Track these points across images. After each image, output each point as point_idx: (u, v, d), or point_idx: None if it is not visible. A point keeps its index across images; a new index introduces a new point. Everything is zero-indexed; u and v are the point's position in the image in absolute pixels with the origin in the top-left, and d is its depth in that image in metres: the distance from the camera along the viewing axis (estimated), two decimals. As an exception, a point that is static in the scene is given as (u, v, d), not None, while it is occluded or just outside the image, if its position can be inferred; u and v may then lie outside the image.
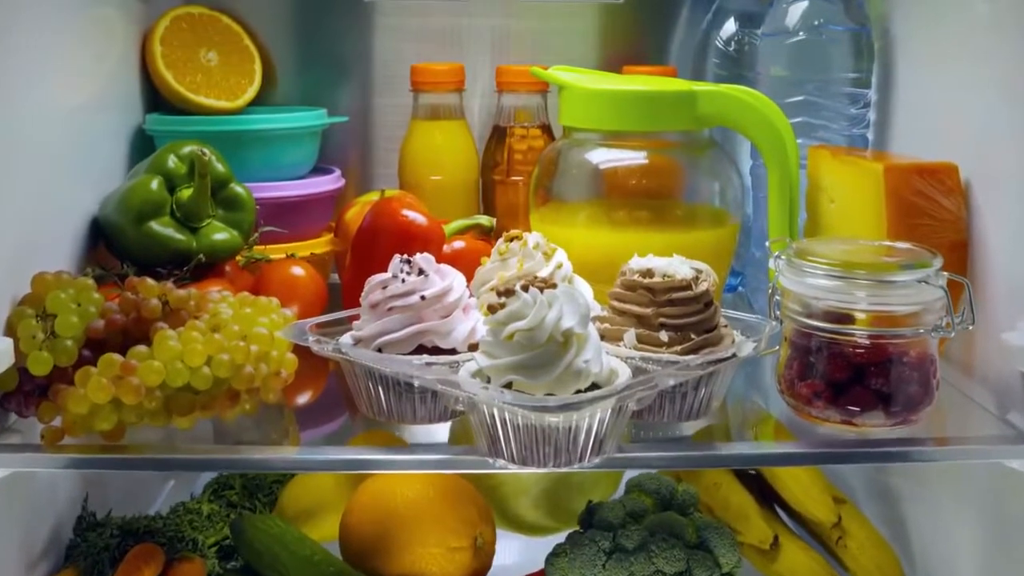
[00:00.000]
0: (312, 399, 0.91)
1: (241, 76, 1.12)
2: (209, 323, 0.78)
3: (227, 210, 0.95)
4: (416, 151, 1.13)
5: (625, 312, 0.78)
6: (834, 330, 0.76)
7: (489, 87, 1.18)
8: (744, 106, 0.91)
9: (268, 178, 1.05)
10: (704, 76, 1.11)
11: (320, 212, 1.09)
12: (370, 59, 1.21)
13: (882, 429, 0.76)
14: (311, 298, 0.97)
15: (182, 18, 1.11)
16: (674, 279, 0.76)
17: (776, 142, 0.91)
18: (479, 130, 1.19)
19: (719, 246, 0.95)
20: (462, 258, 0.93)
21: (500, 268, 0.85)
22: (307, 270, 0.97)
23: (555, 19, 1.21)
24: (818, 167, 0.94)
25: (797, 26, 0.99)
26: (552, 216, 0.97)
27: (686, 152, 0.95)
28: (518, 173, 1.12)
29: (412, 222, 0.92)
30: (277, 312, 0.83)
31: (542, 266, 0.85)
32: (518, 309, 0.68)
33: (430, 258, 0.78)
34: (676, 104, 0.91)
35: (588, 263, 0.89)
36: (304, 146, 1.09)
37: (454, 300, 0.77)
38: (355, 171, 1.22)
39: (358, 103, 1.21)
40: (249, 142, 1.05)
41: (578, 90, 0.94)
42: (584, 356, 0.68)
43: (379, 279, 0.77)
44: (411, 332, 0.75)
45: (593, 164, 0.95)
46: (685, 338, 0.76)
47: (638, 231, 0.93)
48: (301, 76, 1.20)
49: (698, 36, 1.13)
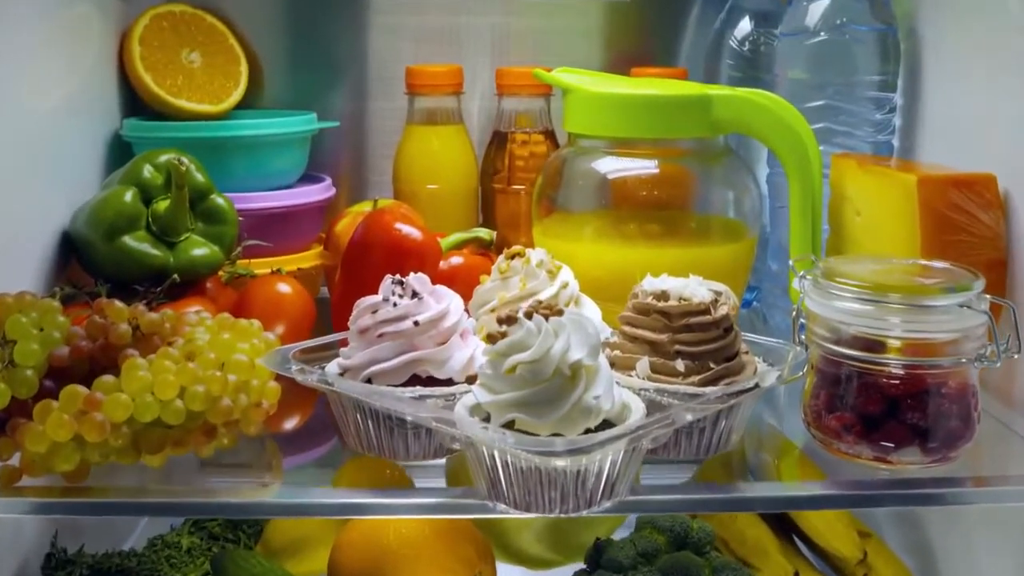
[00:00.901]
0: (300, 423, 0.85)
1: (226, 78, 1.06)
2: (183, 350, 0.71)
3: (207, 223, 0.88)
4: (411, 158, 1.07)
5: (637, 338, 0.71)
6: (866, 359, 0.70)
7: (489, 90, 1.11)
8: (763, 111, 0.84)
9: (254, 187, 0.99)
10: (717, 78, 1.05)
11: (309, 223, 1.03)
12: (364, 60, 1.14)
13: (918, 467, 0.70)
14: (298, 317, 0.90)
15: (163, 17, 1.04)
16: (691, 302, 0.70)
17: (798, 150, 0.84)
18: (478, 136, 1.12)
19: (736, 262, 0.89)
20: (460, 275, 0.87)
21: (501, 288, 0.79)
22: (294, 287, 0.91)
23: (558, 17, 1.15)
24: (842, 177, 0.87)
25: (818, 25, 0.93)
26: (556, 229, 0.90)
27: (700, 160, 0.89)
28: (520, 181, 1.05)
29: (406, 237, 0.86)
30: (259, 336, 0.76)
31: (546, 285, 0.78)
32: (521, 339, 0.61)
33: (424, 279, 0.72)
34: (690, 109, 0.85)
35: (595, 280, 0.83)
36: (292, 153, 1.03)
37: (451, 325, 0.70)
38: (347, 179, 1.15)
39: (351, 107, 1.15)
40: (233, 149, 0.98)
41: (584, 94, 0.88)
42: (594, 391, 0.61)
43: (369, 302, 0.71)
44: (403, 361, 0.69)
45: (600, 174, 0.88)
46: (703, 367, 0.69)
47: (649, 246, 0.86)
48: (290, 78, 1.14)
49: (711, 36, 1.07)
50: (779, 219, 0.98)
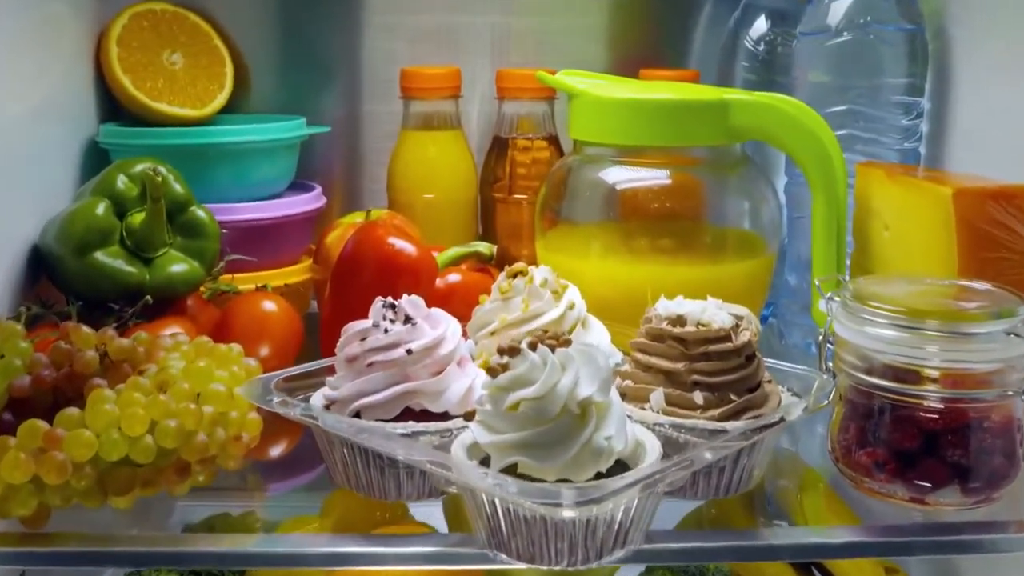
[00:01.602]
0: (287, 449, 0.79)
1: (210, 81, 1.00)
2: (155, 379, 0.65)
3: (186, 237, 0.82)
4: (407, 166, 1.01)
5: (651, 367, 0.65)
6: (901, 390, 0.64)
7: (489, 93, 1.05)
8: (784, 117, 0.78)
9: (239, 197, 0.93)
10: (731, 81, 0.99)
11: (297, 235, 0.97)
12: (357, 61, 1.08)
13: (957, 508, 0.64)
14: (283, 337, 0.84)
15: (142, 16, 0.98)
16: (710, 328, 0.64)
17: (822, 160, 0.78)
18: (477, 141, 1.06)
19: (754, 279, 0.83)
20: (457, 294, 0.81)
21: (501, 309, 0.73)
22: (279, 305, 0.85)
23: (562, 16, 1.09)
24: (869, 188, 0.81)
25: (841, 24, 0.86)
26: (560, 243, 0.84)
27: (715, 170, 0.83)
28: (521, 191, 0.99)
29: (399, 252, 0.80)
30: (239, 363, 0.70)
31: (551, 307, 0.72)
32: (524, 373, 0.55)
33: (418, 302, 0.66)
34: (706, 115, 0.79)
35: (602, 299, 0.77)
36: (280, 161, 0.97)
37: (447, 353, 0.64)
38: (339, 188, 1.09)
39: (343, 111, 1.09)
40: (217, 157, 0.92)
41: (591, 98, 0.82)
42: (605, 431, 0.55)
43: (357, 328, 0.64)
44: (395, 394, 0.62)
45: (608, 184, 0.82)
46: (724, 399, 0.63)
47: (660, 262, 0.80)
48: (279, 80, 1.08)
49: (724, 36, 1.01)
50: (798, 230, 0.92)
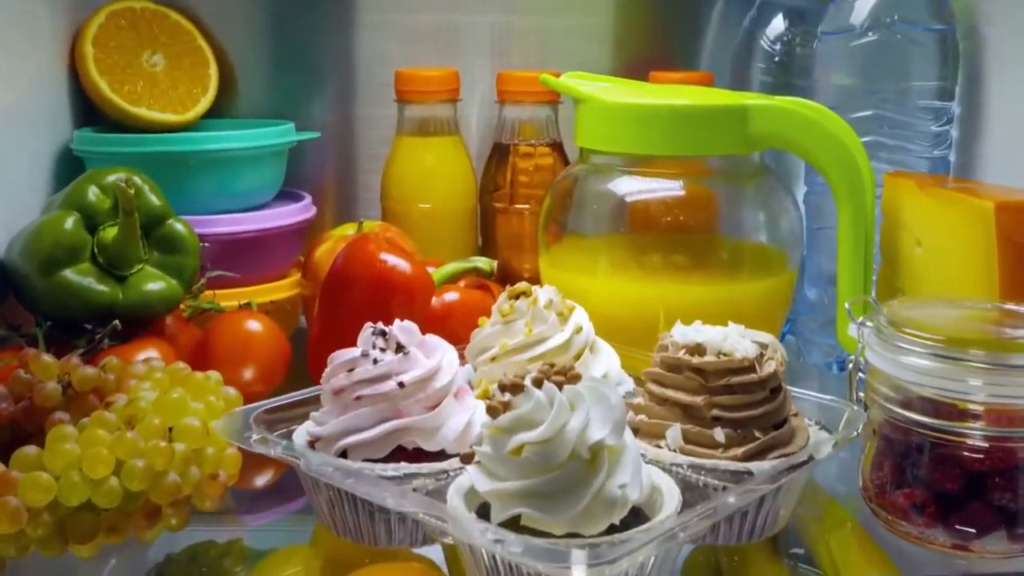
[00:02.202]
0: (275, 476, 0.73)
1: (193, 83, 0.94)
2: (123, 413, 0.59)
3: (164, 252, 0.76)
4: (402, 174, 0.95)
5: (667, 400, 0.59)
6: (941, 427, 0.58)
7: (489, 96, 1.00)
8: (808, 124, 0.73)
9: (222, 208, 0.87)
10: (747, 84, 0.93)
11: (285, 248, 0.91)
12: (350, 63, 1.03)
13: (1004, 557, 0.58)
14: (269, 359, 0.79)
15: (120, 14, 0.92)
16: (732, 358, 0.58)
17: (849, 169, 0.72)
18: (477, 148, 1.01)
19: (773, 297, 0.77)
20: (455, 314, 0.75)
21: (502, 333, 0.67)
22: (265, 325, 0.79)
23: (566, 15, 1.03)
24: (898, 200, 0.75)
25: (866, 23, 0.81)
26: (566, 260, 0.78)
27: (732, 181, 0.77)
28: (524, 200, 0.94)
29: (392, 270, 0.74)
30: (216, 392, 0.65)
31: (556, 331, 0.66)
32: (528, 413, 0.50)
33: (411, 328, 0.60)
34: (723, 122, 0.73)
35: (611, 319, 0.71)
36: (266, 169, 0.91)
37: (443, 386, 0.58)
38: (330, 197, 1.04)
39: (335, 115, 1.03)
40: (199, 165, 0.87)
41: (599, 104, 0.76)
42: (619, 478, 0.50)
43: (344, 358, 0.59)
44: (385, 431, 0.57)
45: (618, 196, 0.77)
46: (747, 436, 0.57)
47: (674, 281, 0.74)
48: (267, 83, 1.02)
49: (739, 36, 0.95)
50: (818, 242, 0.86)
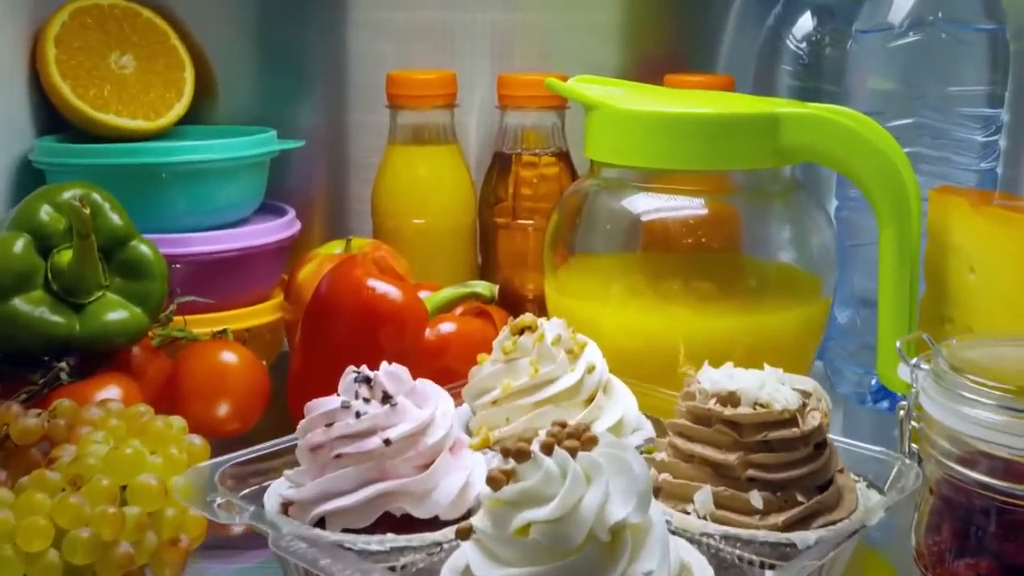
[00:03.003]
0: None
1: (166, 87, 0.86)
2: (68, 473, 0.52)
3: (126, 278, 0.69)
4: (394, 186, 0.87)
5: (695, 457, 0.51)
6: (1011, 490, 0.50)
7: (489, 101, 0.92)
8: (848, 135, 0.65)
9: (197, 225, 0.80)
10: (772, 89, 0.85)
11: (266, 268, 0.83)
12: (339, 64, 0.95)
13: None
14: (245, 395, 0.71)
15: (86, 11, 0.84)
16: (771, 410, 0.50)
17: (894, 187, 0.65)
18: (476, 158, 0.93)
19: (806, 328, 0.69)
20: (452, 348, 0.67)
21: (505, 372, 0.59)
22: (241, 356, 0.71)
23: (573, 12, 0.96)
24: (947, 219, 0.68)
25: (907, 21, 0.73)
26: (575, 286, 0.71)
27: (761, 198, 0.69)
28: (527, 214, 0.86)
29: (380, 298, 0.66)
30: (179, 442, 0.57)
31: (565, 370, 0.59)
32: (536, 487, 0.42)
33: (400, 373, 0.52)
34: (752, 132, 0.65)
35: (625, 352, 0.64)
36: (245, 182, 0.83)
37: (436, 441, 0.51)
38: (317, 210, 0.96)
39: (323, 121, 0.95)
40: (172, 178, 0.79)
41: (612, 112, 0.68)
42: (645, 563, 0.42)
43: (322, 409, 0.51)
44: (369, 496, 0.49)
45: (632, 215, 0.69)
46: (789, 501, 0.50)
47: (695, 310, 0.67)
48: (249, 86, 0.94)
49: (762, 35, 0.87)
50: (851, 259, 0.78)
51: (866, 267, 0.79)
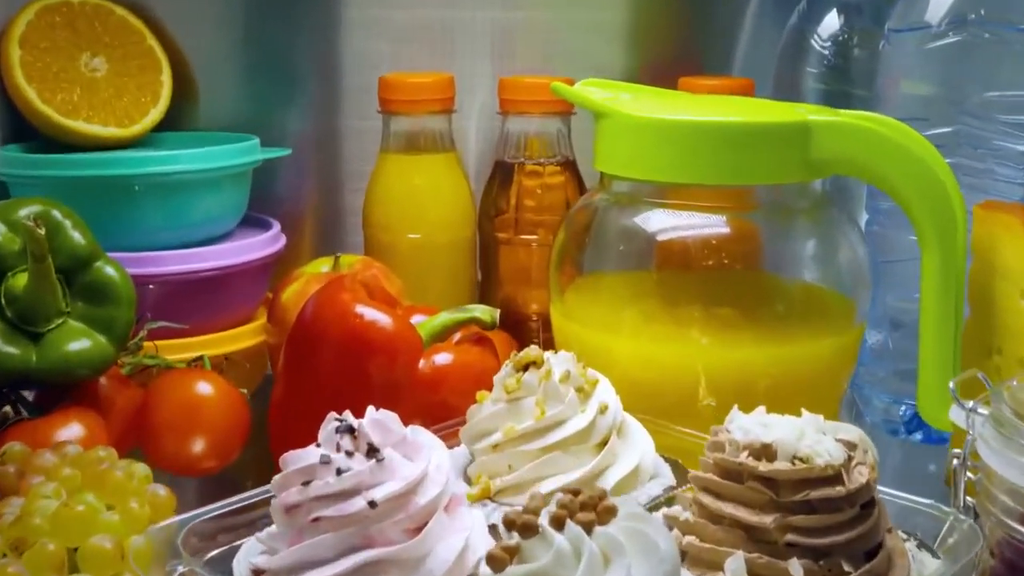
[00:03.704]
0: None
1: (141, 91, 0.80)
2: (9, 535, 0.46)
3: (90, 303, 0.62)
4: (386, 198, 0.81)
5: (724, 518, 0.45)
6: (1088, 554, 0.44)
7: (490, 106, 0.86)
8: (888, 147, 0.58)
9: (173, 243, 0.74)
10: (796, 92, 0.79)
11: (249, 288, 0.77)
12: (329, 66, 0.89)
13: None
14: (223, 429, 0.65)
15: (54, 10, 0.78)
16: (812, 465, 0.44)
17: (939, 204, 0.58)
18: (475, 167, 0.88)
19: (839, 358, 0.63)
20: (448, 382, 0.61)
21: (507, 414, 0.53)
22: (218, 387, 0.65)
23: (578, 10, 0.90)
24: (994, 239, 0.61)
25: (946, 20, 0.67)
26: (584, 311, 0.64)
27: (788, 215, 0.63)
28: (530, 228, 0.80)
29: (369, 326, 0.60)
30: (140, 495, 0.51)
31: (575, 411, 0.53)
32: (545, 569, 0.36)
33: (387, 422, 0.46)
34: (781, 143, 0.59)
35: (639, 384, 0.59)
36: (226, 194, 0.77)
37: (429, 501, 0.44)
38: (307, 222, 0.90)
39: (314, 127, 0.90)
40: (146, 191, 0.73)
41: (625, 120, 0.62)
42: (672, 659, 0.36)
43: (298, 464, 0.44)
44: (353, 567, 0.42)
45: (647, 233, 0.62)
46: (833, 570, 0.43)
47: (717, 339, 0.60)
48: (232, 89, 0.88)
49: (785, 34, 0.81)
50: (883, 277, 0.72)
51: (899, 285, 0.73)
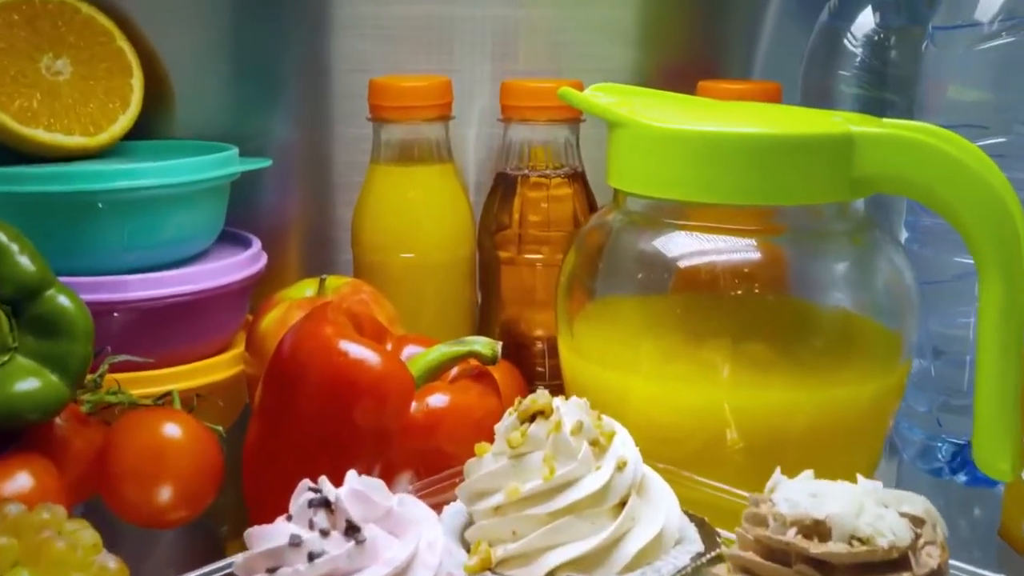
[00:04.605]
0: None
1: (109, 96, 0.74)
2: (-75, 626, 0.39)
3: (40, 337, 0.55)
4: (378, 214, 0.74)
5: (766, 605, 0.38)
6: None
7: (491, 113, 0.79)
8: (944, 162, 0.51)
9: (141, 265, 0.67)
10: (826, 98, 0.72)
11: (225, 315, 0.70)
12: (321, 68, 0.82)
13: None
14: (193, 475, 0.58)
15: (12, 7, 0.72)
16: (873, 546, 0.37)
17: (1002, 228, 0.51)
18: (475, 180, 0.81)
19: (884, 400, 0.56)
20: (443, 428, 0.55)
21: (511, 472, 0.46)
22: (187, 428, 0.58)
23: (586, 8, 0.83)
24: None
25: (998, 19, 0.61)
26: (595, 345, 0.58)
27: (827, 239, 0.56)
28: (535, 247, 0.73)
29: (355, 366, 0.53)
30: (86, 568, 0.44)
31: (589, 469, 0.46)
32: None
33: (370, 492, 0.39)
34: (822, 157, 0.52)
35: (658, 428, 0.53)
36: (200, 210, 0.70)
37: (419, 588, 0.38)
38: (291, 240, 0.83)
39: (300, 134, 0.83)
40: (110, 209, 0.66)
41: (642, 130, 0.55)
42: None
43: (266, 545, 0.38)
44: (326, 672, 0.36)
45: (667, 259, 0.55)
46: (897, 673, 0.37)
47: (747, 379, 0.53)
48: (211, 94, 0.81)
49: (814, 32, 0.74)
50: (924, 300, 0.65)
51: (942, 309, 0.67)
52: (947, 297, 0.66)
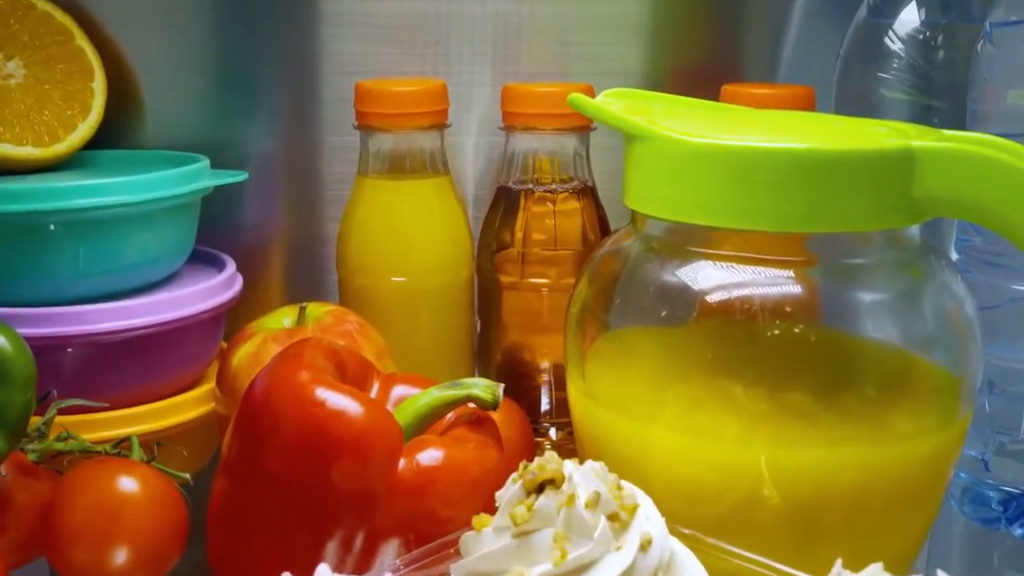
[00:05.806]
0: None
1: (68, 102, 0.68)
2: None
3: (-26, 384, 0.49)
4: (365, 232, 0.68)
5: None
6: None
7: (491, 120, 0.74)
8: (1018, 181, 0.45)
9: (98, 292, 0.61)
10: (865, 104, 0.65)
11: (194, 348, 0.64)
12: (304, 70, 0.77)
13: None
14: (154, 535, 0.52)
15: (-42, 5, 0.65)
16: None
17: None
18: (474, 194, 0.76)
19: (943, 456, 0.49)
20: (438, 486, 0.48)
21: (516, 553, 0.39)
22: (146, 482, 0.52)
23: (594, 4, 0.77)
24: None
25: (1068, 16, 0.53)
26: (610, 391, 0.51)
27: (879, 272, 0.49)
28: (540, 269, 0.67)
29: (334, 418, 0.46)
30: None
31: (608, 548, 0.39)
32: None
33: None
34: (876, 177, 0.45)
35: (683, 485, 0.47)
36: (166, 230, 0.64)
37: None
38: (270, 261, 0.77)
39: (281, 143, 0.77)
40: (63, 230, 0.60)
41: (664, 144, 0.48)
42: None
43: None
44: None
45: (693, 292, 0.48)
46: None
47: (785, 433, 0.47)
48: (183, 98, 0.76)
49: (851, 30, 0.67)
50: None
51: (997, 337, 0.60)
52: (1002, 324, 0.60)
